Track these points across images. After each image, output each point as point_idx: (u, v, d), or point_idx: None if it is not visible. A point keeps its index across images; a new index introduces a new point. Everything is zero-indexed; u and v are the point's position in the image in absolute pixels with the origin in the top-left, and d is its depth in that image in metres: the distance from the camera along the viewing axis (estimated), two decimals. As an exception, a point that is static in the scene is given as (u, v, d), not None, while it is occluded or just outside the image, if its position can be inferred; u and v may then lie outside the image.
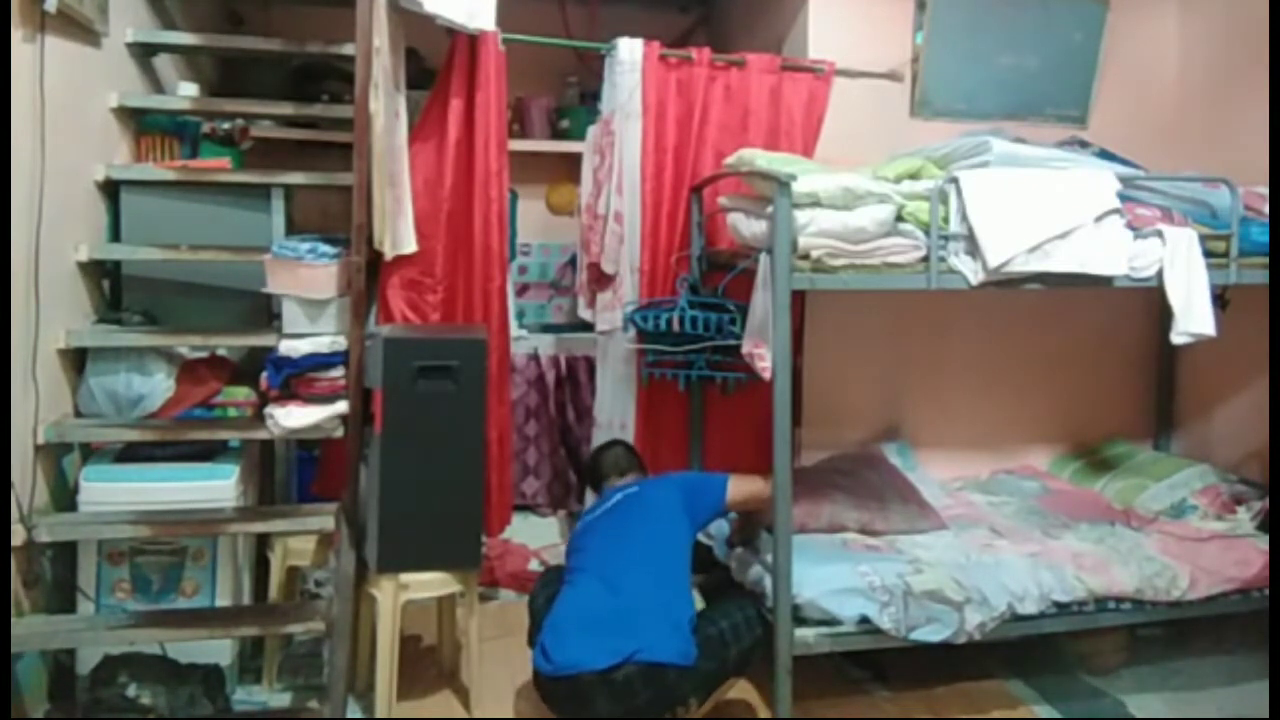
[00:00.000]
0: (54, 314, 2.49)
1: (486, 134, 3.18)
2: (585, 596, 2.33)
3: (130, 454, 2.73)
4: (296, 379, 2.71)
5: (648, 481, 2.85)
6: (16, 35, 2.27)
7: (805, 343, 3.60)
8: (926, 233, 2.78)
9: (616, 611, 2.26)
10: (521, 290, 4.80)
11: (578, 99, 4.57)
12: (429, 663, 3.02)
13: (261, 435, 2.74)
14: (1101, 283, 2.88)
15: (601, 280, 3.52)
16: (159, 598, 2.68)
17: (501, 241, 3.27)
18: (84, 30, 2.63)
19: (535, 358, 4.29)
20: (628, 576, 2.38)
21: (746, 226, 2.97)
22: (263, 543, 2.98)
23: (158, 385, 2.72)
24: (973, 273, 2.80)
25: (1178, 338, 2.91)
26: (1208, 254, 2.90)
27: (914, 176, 2.93)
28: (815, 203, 2.67)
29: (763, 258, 2.70)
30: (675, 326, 3.16)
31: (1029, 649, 3.02)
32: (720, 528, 3.18)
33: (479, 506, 2.73)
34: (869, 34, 3.67)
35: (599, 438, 3.43)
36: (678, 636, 2.26)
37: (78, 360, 2.70)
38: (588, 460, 3.06)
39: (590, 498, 3.01)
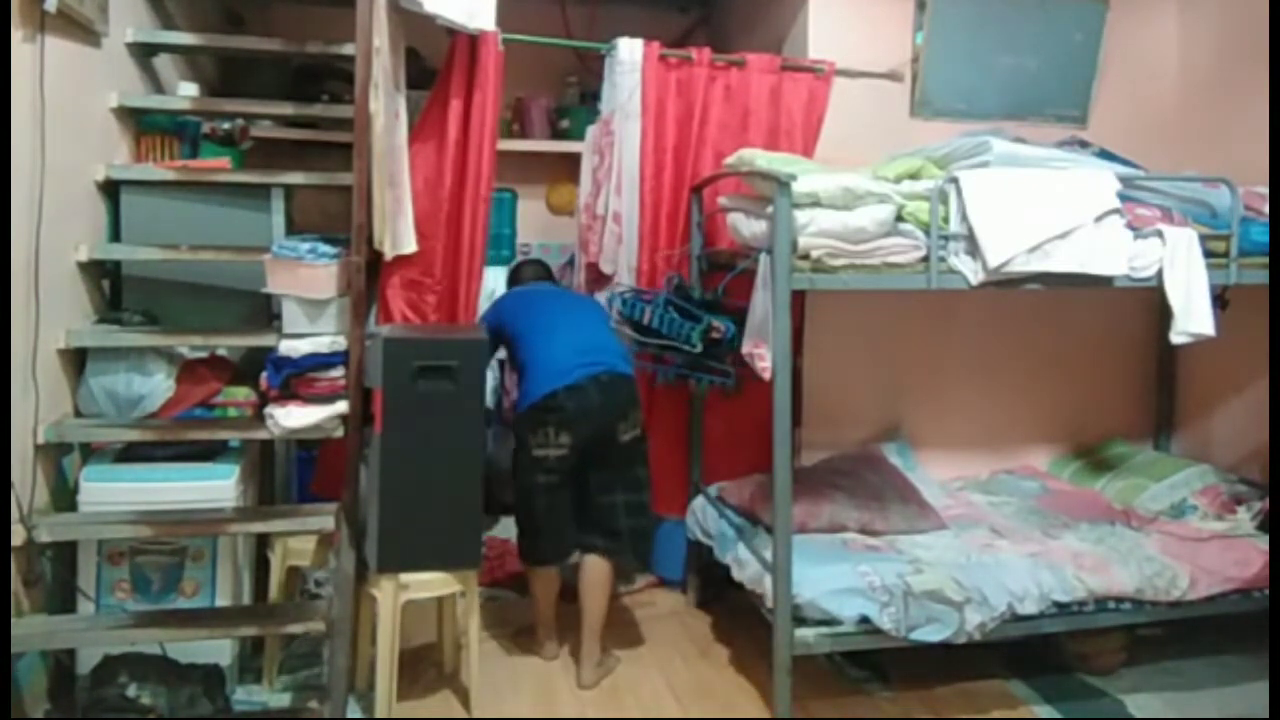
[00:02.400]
0: (54, 314, 2.49)
1: (481, 133, 3.18)
2: (567, 342, 2.97)
3: (130, 454, 2.73)
4: (296, 379, 2.71)
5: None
6: (16, 35, 2.27)
7: (805, 343, 3.60)
8: (926, 233, 2.78)
9: (591, 346, 2.98)
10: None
11: (578, 99, 4.56)
12: (429, 663, 3.02)
13: (261, 435, 2.73)
14: (1101, 283, 2.88)
15: (600, 280, 3.52)
16: (159, 598, 2.68)
17: (484, 241, 3.28)
18: (84, 30, 2.63)
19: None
20: (587, 329, 3.08)
21: (746, 226, 2.97)
22: (263, 543, 2.98)
23: (158, 385, 2.72)
24: (973, 273, 2.80)
25: (1177, 338, 2.92)
26: (1208, 254, 2.90)
27: (914, 176, 2.93)
28: (815, 203, 2.67)
29: (763, 258, 2.70)
30: (646, 320, 3.17)
31: (1029, 649, 3.02)
32: (721, 528, 3.19)
33: (479, 506, 2.72)
34: (869, 34, 3.67)
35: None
36: (629, 364, 3.06)
37: (78, 360, 2.69)
38: (512, 269, 3.67)
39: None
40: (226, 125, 3.25)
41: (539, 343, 3.00)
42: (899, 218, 2.78)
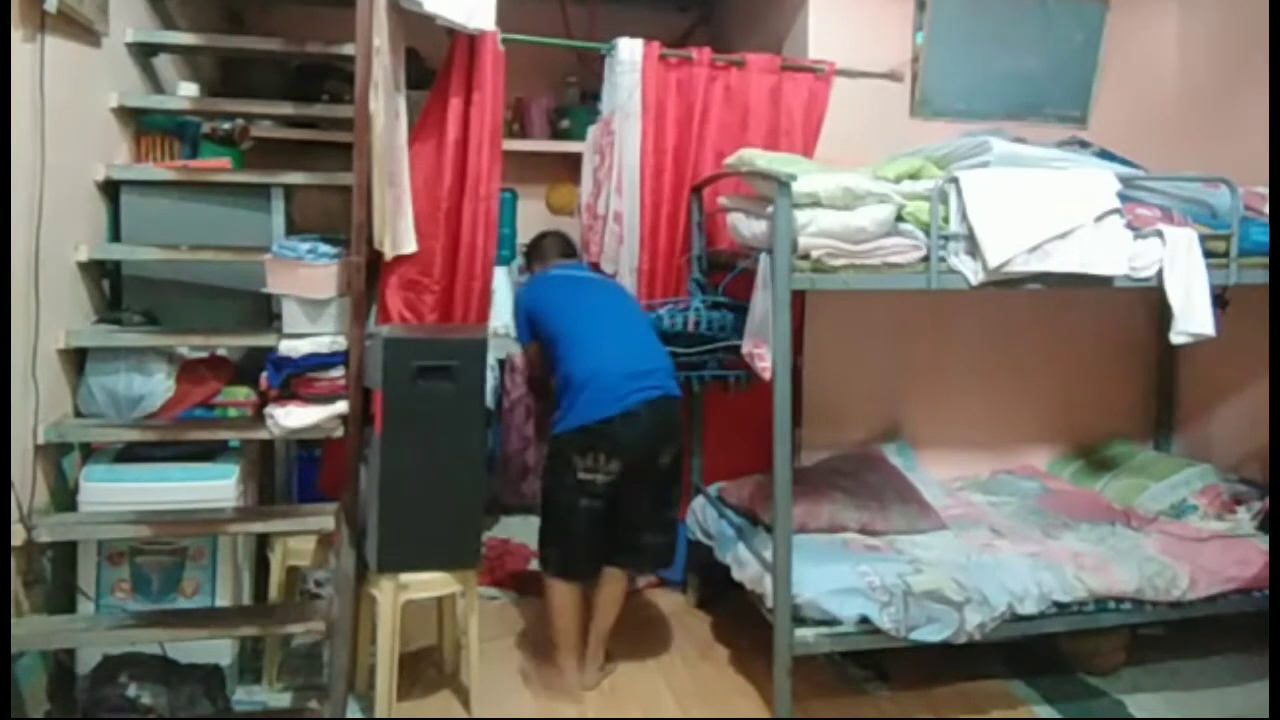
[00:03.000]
0: (54, 314, 2.49)
1: (481, 133, 3.18)
2: (617, 354, 2.85)
3: (130, 454, 2.73)
4: (296, 379, 2.71)
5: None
6: (16, 35, 2.27)
7: (805, 343, 3.60)
8: (926, 233, 2.78)
9: (645, 366, 2.86)
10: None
11: (578, 99, 4.56)
12: (429, 663, 3.02)
13: (261, 435, 2.73)
14: (1101, 283, 2.88)
15: (601, 280, 3.52)
16: (159, 598, 2.68)
17: (489, 241, 3.26)
18: (84, 30, 2.63)
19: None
20: (634, 337, 2.96)
21: (746, 226, 2.97)
22: (263, 543, 2.98)
23: (158, 385, 2.72)
24: (973, 273, 2.80)
25: (1177, 338, 2.92)
26: (1208, 254, 2.90)
27: (914, 176, 2.93)
28: (815, 203, 2.67)
29: (763, 258, 2.70)
30: (692, 327, 3.15)
31: (1029, 649, 3.02)
32: (721, 528, 3.19)
33: (479, 506, 2.73)
34: (869, 34, 3.68)
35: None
36: (675, 381, 2.95)
37: (78, 360, 2.69)
38: (533, 241, 3.43)
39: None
40: (226, 125, 3.25)
41: (583, 350, 2.85)
42: (899, 218, 2.78)
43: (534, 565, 3.70)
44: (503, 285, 3.81)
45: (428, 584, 2.72)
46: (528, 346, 3.11)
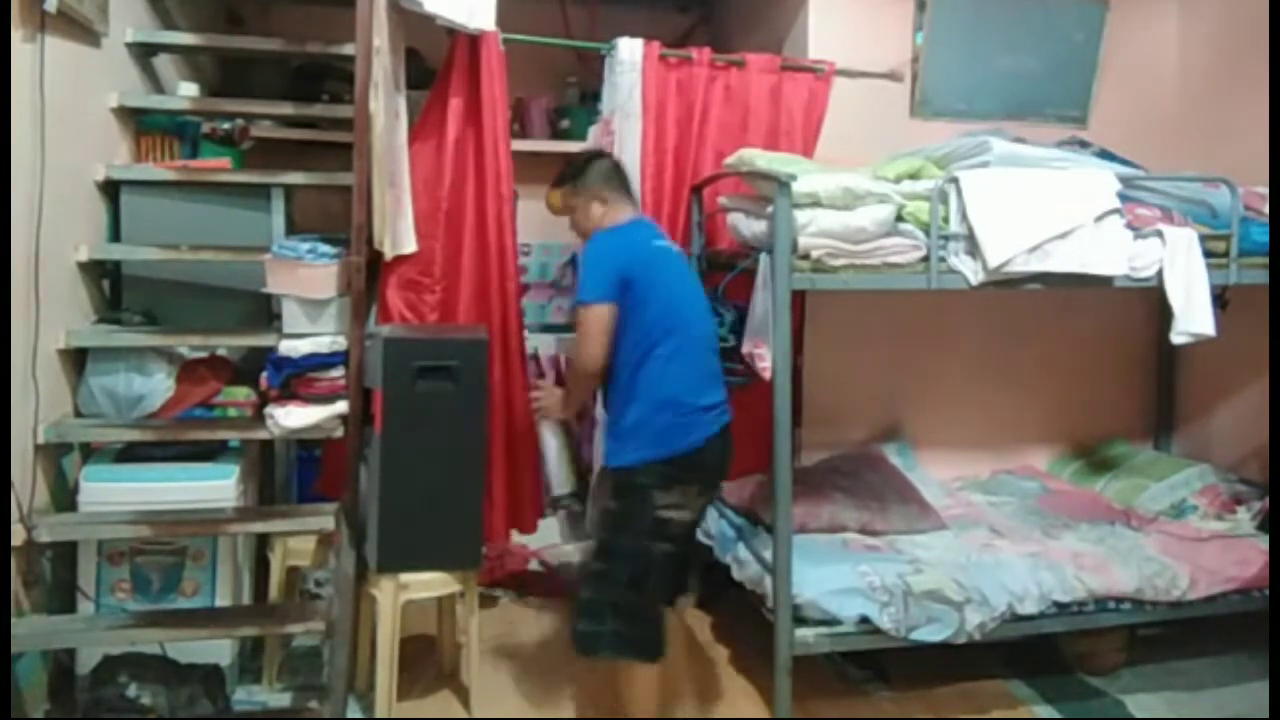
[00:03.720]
0: (54, 314, 2.49)
1: (495, 133, 3.18)
2: (699, 374, 2.50)
3: (130, 454, 2.73)
4: (296, 379, 2.71)
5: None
6: (16, 35, 2.27)
7: (805, 343, 3.60)
8: (926, 233, 2.78)
9: (717, 388, 2.54)
10: (521, 290, 4.79)
11: (578, 99, 4.56)
12: (429, 663, 3.02)
13: (261, 435, 2.73)
14: (1101, 283, 2.89)
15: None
16: (159, 598, 2.68)
17: (514, 239, 3.26)
18: (84, 30, 2.63)
19: (535, 358, 4.28)
20: (713, 349, 2.61)
21: (746, 226, 2.98)
22: (263, 543, 2.98)
23: (158, 385, 2.72)
24: (973, 273, 2.80)
25: (1178, 338, 2.92)
26: (1208, 254, 2.91)
27: (914, 176, 2.93)
28: (815, 203, 2.67)
29: (763, 258, 2.70)
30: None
31: (1029, 649, 3.02)
32: (721, 528, 3.19)
33: (479, 506, 2.72)
34: (869, 34, 3.68)
35: (600, 437, 3.42)
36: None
37: (78, 360, 2.70)
38: (585, 159, 2.77)
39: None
40: (226, 125, 3.25)
41: (667, 360, 2.40)
42: (899, 218, 2.78)
43: (534, 566, 3.72)
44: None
45: (428, 584, 2.72)
46: (596, 306, 2.39)
